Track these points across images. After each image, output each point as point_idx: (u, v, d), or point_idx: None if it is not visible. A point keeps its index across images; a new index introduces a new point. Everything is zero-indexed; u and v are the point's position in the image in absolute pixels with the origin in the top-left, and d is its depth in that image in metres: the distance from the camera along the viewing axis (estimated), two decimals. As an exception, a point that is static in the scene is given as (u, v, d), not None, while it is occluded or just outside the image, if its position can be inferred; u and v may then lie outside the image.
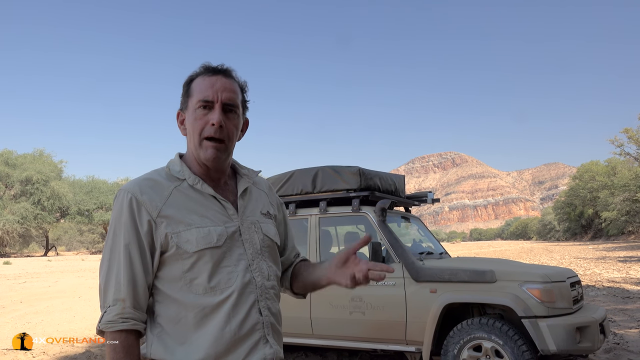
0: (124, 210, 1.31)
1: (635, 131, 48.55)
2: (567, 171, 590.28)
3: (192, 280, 1.30)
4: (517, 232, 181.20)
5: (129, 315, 1.27)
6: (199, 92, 1.36)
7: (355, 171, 5.11)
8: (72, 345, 6.76)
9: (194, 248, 1.30)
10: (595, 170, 63.05)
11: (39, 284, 16.81)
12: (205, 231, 1.32)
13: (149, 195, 1.31)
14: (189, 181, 1.36)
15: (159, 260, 1.32)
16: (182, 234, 1.30)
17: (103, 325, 1.26)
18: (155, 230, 1.30)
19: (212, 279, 1.31)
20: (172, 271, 1.31)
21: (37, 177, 49.46)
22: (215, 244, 1.32)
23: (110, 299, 1.27)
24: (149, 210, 1.30)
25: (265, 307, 1.37)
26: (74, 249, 69.76)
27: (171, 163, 1.41)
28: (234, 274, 1.33)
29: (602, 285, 12.29)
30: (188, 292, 1.30)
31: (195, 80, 1.40)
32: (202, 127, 1.35)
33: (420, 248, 5.40)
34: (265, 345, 1.34)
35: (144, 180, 1.35)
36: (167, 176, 1.37)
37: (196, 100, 1.36)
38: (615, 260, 22.13)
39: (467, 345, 4.13)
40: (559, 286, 4.07)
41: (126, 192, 1.32)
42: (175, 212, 1.32)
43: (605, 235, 64.10)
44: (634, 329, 6.79)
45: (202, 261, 1.30)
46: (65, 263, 32.27)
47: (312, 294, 4.94)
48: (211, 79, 1.37)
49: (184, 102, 1.42)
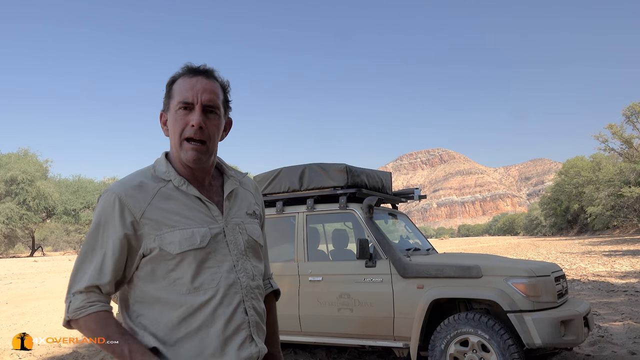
0: (106, 209, 1.31)
1: (619, 127, 49.20)
2: (553, 167, 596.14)
3: (176, 280, 1.31)
4: (504, 227, 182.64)
5: (95, 299, 1.30)
6: (179, 94, 1.37)
7: (342, 168, 5.13)
8: (59, 346, 6.71)
9: (177, 250, 1.30)
10: (580, 166, 63.70)
11: (25, 284, 16.64)
12: (188, 233, 1.33)
13: (133, 196, 1.32)
14: (174, 182, 1.37)
15: (139, 260, 1.32)
16: (165, 236, 1.31)
17: (72, 314, 1.28)
18: (138, 232, 1.31)
19: (195, 279, 1.32)
20: (156, 271, 1.32)
21: (22, 176, 48.82)
22: (199, 246, 1.33)
23: (75, 288, 1.30)
24: (132, 212, 1.30)
25: (251, 306, 1.39)
26: (60, 249, 69.06)
27: (157, 163, 1.41)
28: (217, 275, 1.34)
29: (588, 279, 12.45)
30: (171, 291, 1.31)
31: (176, 82, 1.40)
32: (182, 128, 1.36)
33: (407, 244, 5.44)
34: (252, 344, 1.36)
35: (129, 181, 1.35)
36: (153, 177, 1.37)
37: (177, 102, 1.36)
38: (600, 255, 22.43)
39: (454, 340, 4.17)
40: (544, 280, 4.13)
41: (111, 192, 1.32)
42: (159, 213, 1.32)
43: (590, 230, 64.87)
44: (618, 322, 6.89)
45: (186, 262, 1.31)
46: (52, 263, 31.99)
47: (301, 292, 4.95)
48: (192, 80, 1.37)
49: (166, 103, 1.42)
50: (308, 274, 4.97)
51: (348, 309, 4.68)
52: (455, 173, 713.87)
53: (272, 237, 5.48)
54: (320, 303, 4.83)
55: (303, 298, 4.93)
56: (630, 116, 48.97)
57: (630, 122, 49.32)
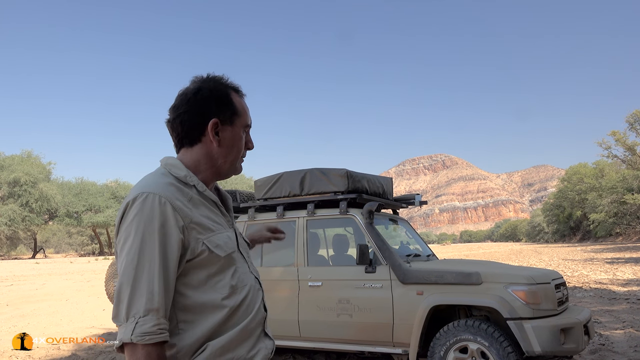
0: (155, 213, 1.23)
1: (622, 134, 49.12)
2: (555, 173, 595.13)
3: (218, 283, 1.33)
4: (506, 234, 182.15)
5: (164, 326, 1.20)
6: (245, 115, 1.46)
7: (343, 173, 5.13)
8: (58, 348, 6.70)
9: (223, 252, 1.33)
10: (583, 173, 63.57)
11: (26, 286, 16.66)
12: (225, 236, 1.37)
13: (179, 200, 1.29)
14: (198, 187, 1.37)
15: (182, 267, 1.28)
16: (212, 239, 1.32)
17: (138, 338, 1.15)
18: (186, 237, 1.27)
19: (233, 280, 1.36)
20: (198, 276, 1.30)
21: (25, 178, 48.98)
22: (235, 248, 1.39)
23: (141, 308, 1.17)
24: (182, 216, 1.27)
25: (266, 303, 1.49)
26: (62, 251, 69.19)
27: (174, 168, 1.37)
28: (245, 275, 1.41)
29: (589, 286, 12.40)
30: (214, 294, 1.32)
31: (233, 98, 1.44)
32: (242, 147, 1.47)
33: (407, 250, 5.43)
34: (266, 337, 1.43)
35: (168, 184, 1.30)
36: (178, 182, 1.34)
37: (245, 123, 1.45)
38: (602, 262, 22.33)
39: (454, 347, 4.15)
40: (544, 288, 4.11)
41: (157, 195, 1.25)
42: (200, 217, 1.33)
43: (593, 236, 64.63)
44: (620, 330, 6.85)
45: (226, 265, 1.35)
46: (54, 265, 32.01)
47: (300, 297, 4.95)
48: (245, 103, 1.47)
49: (229, 117, 1.42)
50: (308, 279, 4.96)
51: (347, 315, 4.67)
52: (458, 179, 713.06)
53: (272, 242, 5.47)
54: (319, 308, 4.82)
55: (302, 303, 4.93)
56: (633, 123, 48.88)
57: (633, 129, 49.22)
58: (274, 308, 5.05)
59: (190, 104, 1.38)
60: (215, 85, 1.41)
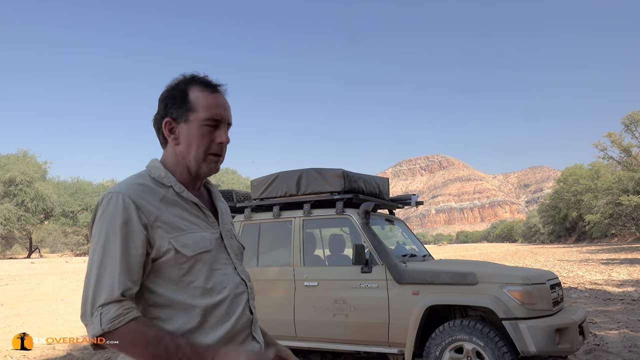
0: (118, 211, 1.26)
1: (618, 135, 49.34)
2: (552, 174, 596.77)
3: (190, 283, 1.32)
4: (502, 234, 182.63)
5: (129, 305, 1.22)
6: (206, 109, 1.39)
7: (339, 174, 5.13)
8: (54, 348, 6.69)
9: (191, 252, 1.32)
10: (579, 174, 63.78)
11: (21, 286, 16.60)
12: (198, 236, 1.35)
13: (144, 199, 1.31)
14: (175, 188, 1.38)
15: (150, 265, 1.30)
16: (180, 238, 1.32)
17: (109, 325, 1.17)
18: (151, 235, 1.29)
19: (208, 281, 1.34)
20: (169, 275, 1.31)
21: (21, 178, 48.80)
22: (208, 248, 1.37)
23: (102, 299, 1.20)
24: (146, 214, 1.29)
25: (253, 305, 1.46)
26: (58, 251, 68.95)
27: (153, 169, 1.40)
28: (226, 277, 1.39)
29: (585, 287, 12.44)
30: (187, 294, 1.32)
31: (193, 92, 1.40)
32: (209, 144, 1.40)
33: (403, 250, 5.44)
34: (252, 340, 1.42)
35: (136, 184, 1.33)
36: (154, 182, 1.37)
37: (203, 117, 1.39)
38: (598, 263, 22.42)
39: (449, 347, 4.16)
40: (539, 288, 4.13)
41: (120, 194, 1.28)
42: (170, 217, 1.33)
43: (588, 237, 64.87)
44: (614, 330, 6.88)
45: (198, 265, 1.34)
46: (49, 265, 31.89)
47: (296, 297, 4.95)
48: (216, 97, 1.42)
49: (182, 114, 1.40)
50: (304, 279, 4.97)
51: (343, 315, 4.67)
52: (454, 179, 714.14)
53: (269, 241, 5.48)
54: (315, 308, 4.83)
55: (298, 303, 4.93)
56: (629, 125, 49.14)
57: (629, 131, 49.51)
58: (270, 308, 5.05)
59: (157, 106, 1.45)
60: (174, 84, 1.42)
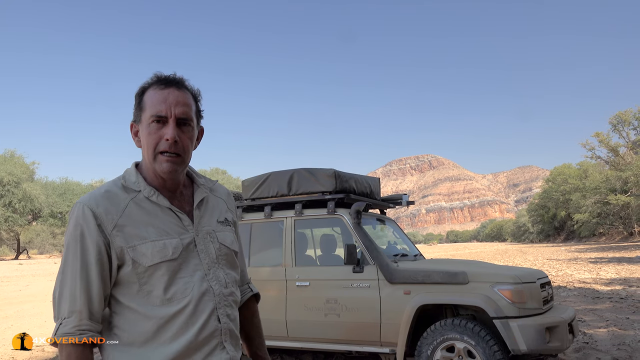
0: (79, 222, 1.30)
1: (605, 135, 49.82)
2: (540, 174, 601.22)
3: (149, 293, 1.31)
4: (492, 234, 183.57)
5: (85, 327, 1.27)
6: (151, 107, 1.35)
7: (331, 174, 5.13)
8: (43, 350, 6.62)
9: (149, 262, 1.30)
10: (567, 174, 64.24)
11: (9, 288, 16.42)
12: (160, 244, 1.33)
13: (105, 207, 1.31)
14: (144, 193, 1.36)
15: (116, 272, 1.32)
16: (138, 248, 1.31)
17: (57, 337, 1.25)
18: (111, 243, 1.30)
19: (168, 290, 1.32)
20: (129, 284, 1.32)
21: (8, 178, 48.23)
22: (171, 257, 1.33)
23: (66, 310, 1.27)
24: (104, 223, 1.30)
25: (224, 314, 1.39)
26: (46, 252, 68.28)
27: (127, 174, 1.40)
28: (190, 284, 1.35)
29: (574, 286, 12.55)
30: (145, 303, 1.31)
31: (147, 92, 1.38)
32: (156, 142, 1.35)
33: (395, 250, 5.45)
34: (222, 351, 1.37)
35: (100, 192, 1.34)
36: (123, 188, 1.36)
37: (149, 115, 1.35)
38: (586, 262, 22.62)
39: (441, 346, 4.18)
40: (530, 287, 4.16)
41: (82, 204, 1.31)
42: (131, 225, 1.32)
43: (577, 236, 65.39)
44: (603, 328, 6.95)
45: (158, 274, 1.32)
46: (37, 266, 31.58)
47: (288, 297, 4.94)
48: (164, 93, 1.35)
49: (137, 115, 1.40)
50: (295, 279, 4.96)
51: (335, 315, 4.67)
52: (444, 179, 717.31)
53: (260, 241, 5.46)
54: (307, 308, 4.82)
55: (290, 303, 4.92)
56: (616, 124, 49.63)
57: (616, 131, 50.00)
58: (262, 308, 5.02)
59: None
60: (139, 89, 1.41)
